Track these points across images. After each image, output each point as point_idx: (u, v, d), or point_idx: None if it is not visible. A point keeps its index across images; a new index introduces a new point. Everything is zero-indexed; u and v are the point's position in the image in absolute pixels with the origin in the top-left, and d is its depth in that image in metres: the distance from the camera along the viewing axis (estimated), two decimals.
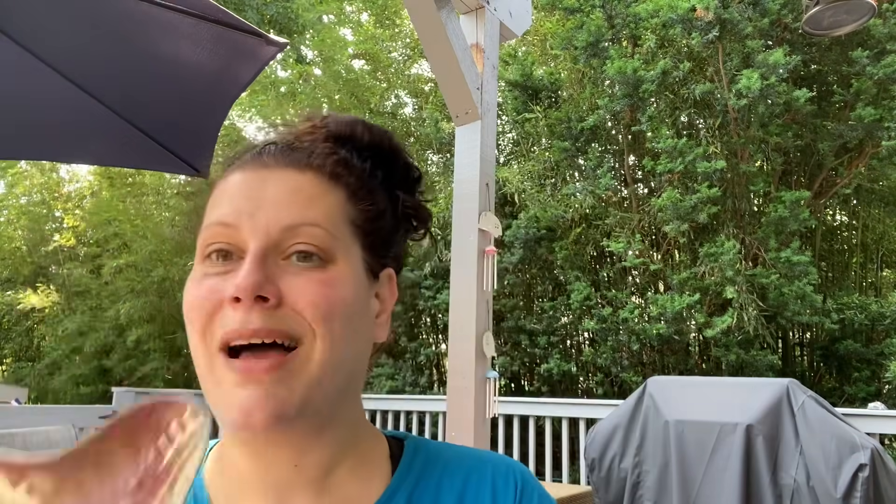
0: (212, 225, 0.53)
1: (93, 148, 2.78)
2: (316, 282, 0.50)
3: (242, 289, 0.47)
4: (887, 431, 2.83)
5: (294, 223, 0.51)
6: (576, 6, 5.44)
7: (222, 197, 0.54)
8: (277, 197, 0.52)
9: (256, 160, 0.55)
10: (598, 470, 2.96)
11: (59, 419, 3.21)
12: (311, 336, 0.49)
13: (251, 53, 2.20)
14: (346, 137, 0.59)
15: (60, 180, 9.88)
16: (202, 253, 0.53)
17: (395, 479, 0.57)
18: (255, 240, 0.50)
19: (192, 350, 0.51)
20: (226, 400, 0.48)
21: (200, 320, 0.50)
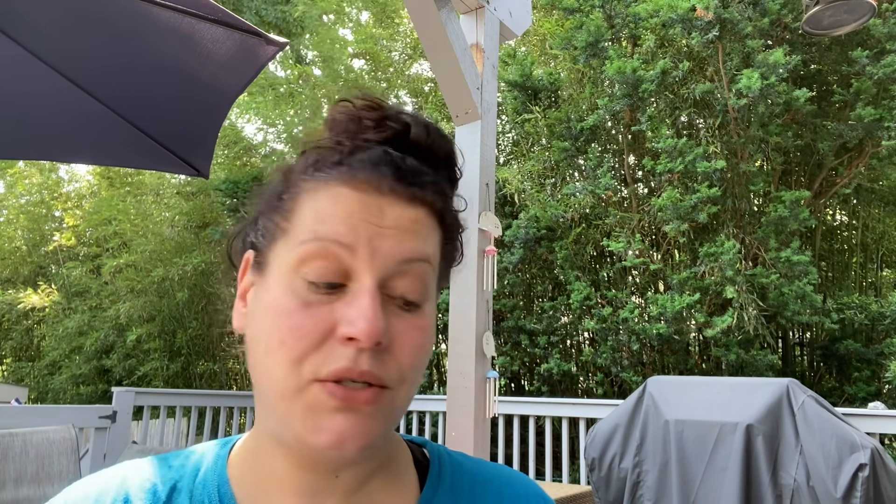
0: (324, 240, 0.49)
1: (92, 148, 2.78)
2: (416, 330, 0.51)
3: (367, 335, 0.47)
4: (887, 431, 2.83)
5: (409, 257, 0.51)
6: (575, 6, 5.44)
7: (332, 211, 0.50)
8: (397, 226, 0.50)
9: (373, 181, 0.51)
10: (598, 470, 2.96)
11: (59, 419, 3.21)
12: (401, 382, 0.50)
13: (251, 53, 2.20)
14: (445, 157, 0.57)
15: (60, 180, 9.89)
16: (297, 267, 0.50)
17: (426, 491, 0.58)
18: (370, 271, 0.49)
19: (270, 370, 0.49)
20: (320, 424, 0.48)
21: (300, 349, 0.48)
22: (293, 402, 0.48)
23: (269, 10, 9.00)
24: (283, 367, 0.48)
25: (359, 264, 0.49)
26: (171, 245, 7.67)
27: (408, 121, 0.55)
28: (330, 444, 0.47)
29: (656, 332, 4.58)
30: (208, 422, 4.43)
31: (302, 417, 0.48)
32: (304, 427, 0.48)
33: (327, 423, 0.48)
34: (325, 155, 0.54)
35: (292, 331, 0.48)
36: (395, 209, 0.51)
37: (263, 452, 0.55)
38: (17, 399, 5.75)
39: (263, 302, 0.52)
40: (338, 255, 0.49)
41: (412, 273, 0.51)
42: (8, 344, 10.03)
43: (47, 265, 9.82)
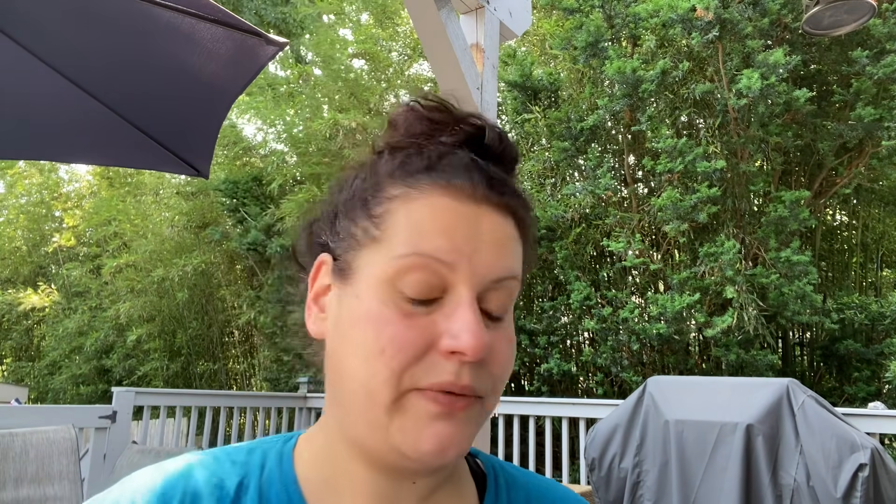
0: (424, 256, 0.48)
1: (92, 148, 2.78)
2: (507, 343, 0.52)
3: (473, 350, 0.47)
4: (887, 431, 2.83)
5: (503, 276, 0.51)
6: (575, 6, 5.44)
7: (432, 225, 0.49)
8: (492, 241, 0.50)
9: (467, 188, 0.51)
10: (598, 470, 2.97)
11: (59, 419, 3.21)
12: (493, 391, 0.51)
13: (251, 53, 2.20)
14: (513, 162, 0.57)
15: (60, 180, 9.89)
16: (395, 279, 0.49)
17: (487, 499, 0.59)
18: (469, 286, 0.49)
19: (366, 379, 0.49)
20: (419, 431, 0.48)
21: (402, 360, 0.47)
22: (391, 411, 0.48)
23: (268, 11, 9.01)
24: (383, 376, 0.48)
25: (457, 278, 0.49)
26: (170, 245, 7.68)
27: (481, 124, 0.54)
28: (433, 451, 0.48)
29: (656, 332, 4.58)
30: (208, 422, 4.43)
31: (401, 426, 0.48)
32: (405, 435, 0.48)
33: (429, 431, 0.48)
34: (411, 158, 0.53)
35: (394, 341, 0.48)
36: (489, 219, 0.51)
37: (339, 455, 0.54)
38: (17, 399, 5.75)
39: (354, 310, 0.50)
40: (437, 269, 0.49)
41: (503, 289, 0.51)
42: (8, 344, 10.03)
43: (47, 265, 9.83)
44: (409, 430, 0.48)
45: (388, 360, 0.47)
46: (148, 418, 4.14)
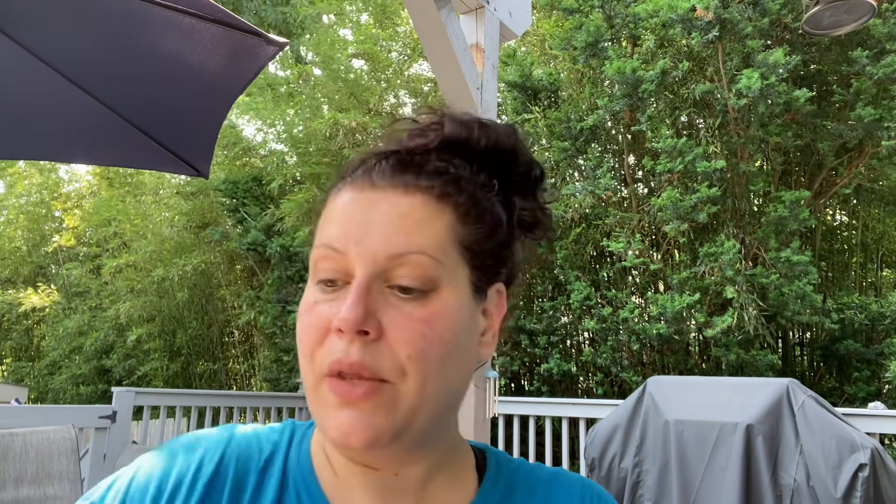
0: (321, 247, 0.53)
1: (92, 148, 2.78)
2: (415, 320, 0.50)
3: (346, 322, 0.48)
4: (887, 431, 2.83)
5: (400, 252, 0.51)
6: (574, 6, 5.44)
7: (332, 216, 0.54)
8: (384, 222, 0.51)
9: (366, 179, 0.54)
10: (598, 470, 2.97)
11: (59, 419, 3.21)
12: (402, 377, 0.50)
13: (251, 53, 2.20)
14: (461, 143, 0.57)
15: (60, 180, 9.89)
16: (313, 272, 0.54)
17: (480, 494, 0.60)
18: (360, 268, 0.51)
19: (301, 369, 0.53)
20: (328, 420, 0.50)
21: (309, 346, 0.51)
22: (313, 398, 0.52)
23: (268, 11, 9.01)
24: (302, 364, 0.53)
25: (353, 263, 0.51)
26: (170, 245, 7.67)
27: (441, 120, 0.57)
28: (336, 439, 0.50)
29: (656, 332, 4.58)
30: (208, 422, 4.44)
31: (318, 413, 0.52)
32: (321, 422, 0.51)
33: (333, 420, 0.50)
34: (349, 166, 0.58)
35: (303, 328, 0.52)
36: (386, 201, 0.52)
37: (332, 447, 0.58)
38: (17, 399, 5.75)
39: None
40: (334, 258, 0.52)
41: (408, 264, 0.51)
42: (8, 344, 10.03)
43: (47, 265, 9.82)
44: (322, 417, 0.51)
45: (302, 347, 0.52)
46: (148, 418, 4.14)
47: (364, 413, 0.49)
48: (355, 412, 0.49)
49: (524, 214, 0.59)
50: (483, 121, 0.58)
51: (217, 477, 0.55)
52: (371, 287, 0.50)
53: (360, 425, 0.49)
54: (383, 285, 0.51)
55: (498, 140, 0.57)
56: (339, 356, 0.49)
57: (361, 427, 0.49)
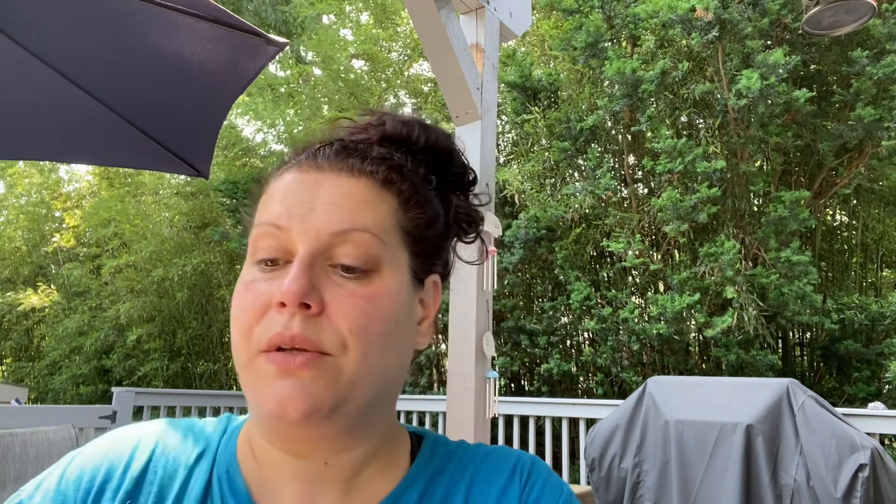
0: (263, 224, 0.53)
1: (92, 148, 2.78)
2: (358, 297, 0.51)
3: (288, 294, 0.48)
4: (887, 431, 2.83)
5: (343, 228, 0.52)
6: (574, 7, 5.44)
7: (275, 196, 0.54)
8: (329, 201, 0.52)
9: (311, 161, 0.55)
10: (598, 470, 2.97)
11: (59, 419, 3.21)
12: (343, 350, 0.50)
13: (251, 53, 2.20)
14: (402, 139, 0.59)
15: (60, 180, 9.88)
16: (252, 252, 0.54)
17: (409, 474, 0.59)
18: (303, 244, 0.51)
19: (233, 349, 0.53)
20: (264, 392, 0.49)
21: (246, 323, 0.51)
22: (246, 374, 0.51)
23: (268, 11, 9.01)
24: (237, 342, 0.52)
25: (293, 241, 0.51)
26: (170, 245, 7.67)
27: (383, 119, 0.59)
28: (273, 410, 0.49)
29: (656, 332, 4.58)
30: None
31: (253, 387, 0.50)
32: (256, 396, 0.50)
33: (269, 391, 0.49)
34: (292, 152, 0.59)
35: (239, 306, 0.52)
36: (331, 182, 0.54)
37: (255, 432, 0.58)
38: (17, 399, 5.74)
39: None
40: (275, 235, 0.52)
41: (351, 241, 0.52)
42: (8, 344, 10.02)
43: (47, 265, 9.81)
44: (257, 391, 0.50)
45: (237, 325, 0.51)
46: (148, 418, 4.14)
47: (303, 382, 0.49)
48: (294, 381, 0.48)
49: (460, 212, 0.62)
50: (424, 122, 0.60)
51: (147, 471, 0.55)
52: (314, 264, 0.51)
53: (298, 395, 0.48)
54: (325, 264, 0.51)
55: (437, 140, 0.60)
56: (280, 329, 0.49)
57: (300, 396, 0.48)
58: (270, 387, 0.49)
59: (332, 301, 0.50)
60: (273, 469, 0.55)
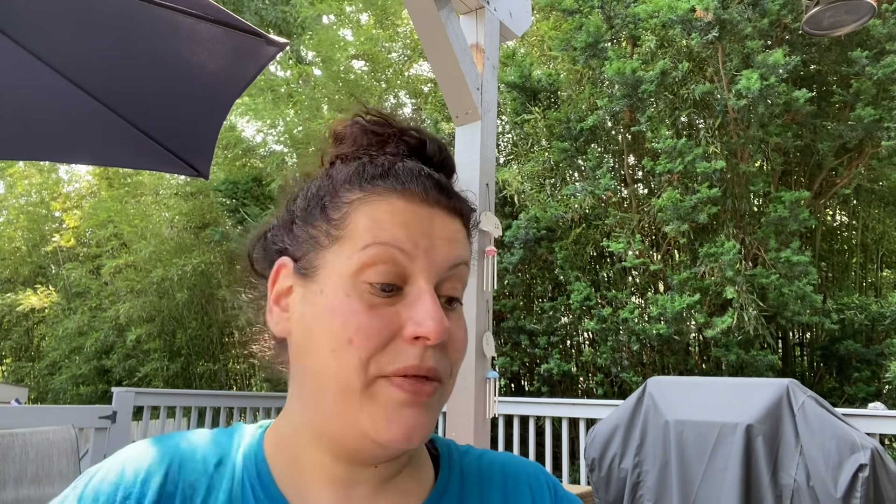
0: (386, 245, 0.53)
1: (92, 148, 2.78)
2: (462, 328, 0.56)
3: (435, 333, 0.51)
4: (887, 431, 2.83)
5: (456, 262, 0.56)
6: (574, 7, 5.44)
7: (391, 220, 0.54)
8: (445, 237, 0.56)
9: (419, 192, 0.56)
10: (598, 470, 2.96)
11: (59, 419, 3.21)
12: (450, 376, 0.56)
13: (251, 53, 2.20)
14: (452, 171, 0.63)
15: (60, 180, 9.88)
16: (362, 269, 0.52)
17: (441, 478, 0.62)
18: (427, 276, 0.53)
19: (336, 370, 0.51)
20: (389, 418, 0.51)
21: (370, 348, 0.51)
22: (361, 399, 0.51)
23: (269, 11, 9.01)
24: (352, 365, 0.51)
25: (416, 269, 0.53)
26: (170, 245, 7.67)
27: (422, 137, 0.60)
28: (401, 437, 0.51)
29: (656, 332, 4.58)
30: (208, 422, 4.43)
31: (372, 413, 0.51)
32: (374, 422, 0.51)
33: (398, 418, 0.51)
34: (364, 166, 0.57)
35: (360, 330, 0.51)
36: (441, 220, 0.56)
37: (302, 442, 0.57)
38: (17, 399, 5.74)
39: (320, 306, 0.53)
40: (397, 259, 0.53)
41: (456, 275, 0.56)
42: (8, 344, 10.02)
43: (47, 266, 9.82)
44: (379, 417, 0.51)
45: (356, 349, 0.50)
46: (148, 418, 4.14)
47: (425, 410, 0.52)
48: (420, 410, 0.51)
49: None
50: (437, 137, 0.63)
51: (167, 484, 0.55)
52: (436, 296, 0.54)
53: (423, 422, 0.52)
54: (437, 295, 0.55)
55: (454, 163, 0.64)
56: (417, 362, 0.51)
57: (425, 424, 0.52)
58: (398, 414, 0.51)
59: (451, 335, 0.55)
60: (310, 472, 0.57)
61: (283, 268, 0.59)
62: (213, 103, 2.43)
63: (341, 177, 0.57)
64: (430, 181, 0.56)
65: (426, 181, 0.56)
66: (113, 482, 0.55)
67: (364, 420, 0.51)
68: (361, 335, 0.51)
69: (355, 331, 0.51)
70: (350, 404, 0.51)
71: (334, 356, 0.51)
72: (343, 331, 0.51)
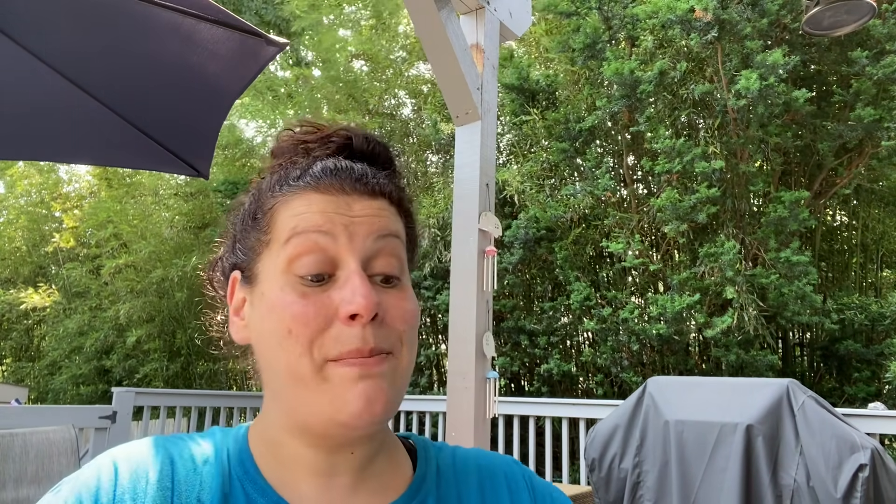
0: (305, 232, 0.55)
1: (93, 148, 2.78)
2: (402, 299, 0.57)
3: (364, 308, 0.52)
4: (887, 431, 2.83)
5: (382, 233, 0.57)
6: (571, 10, 5.44)
7: (312, 210, 0.56)
8: (365, 214, 0.57)
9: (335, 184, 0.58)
10: (598, 470, 2.97)
11: (59, 419, 3.21)
12: (400, 347, 0.56)
13: (251, 54, 2.20)
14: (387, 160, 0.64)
15: (60, 181, 9.88)
16: (290, 263, 0.55)
17: (419, 469, 0.64)
18: (352, 254, 0.55)
19: (285, 361, 0.54)
20: (345, 394, 0.53)
21: (308, 334, 0.53)
22: (315, 384, 0.53)
23: (269, 11, 9.00)
24: (296, 353, 0.53)
25: (341, 250, 0.55)
26: (170, 246, 7.67)
27: (349, 134, 0.62)
28: (362, 408, 0.52)
29: (656, 332, 4.58)
30: (208, 422, 4.43)
31: (329, 395, 0.53)
32: (333, 403, 0.53)
33: (353, 392, 0.52)
34: (287, 171, 0.61)
35: (296, 319, 0.53)
36: (360, 203, 0.58)
37: (279, 436, 0.60)
38: (17, 399, 5.74)
39: (263, 307, 0.57)
40: (320, 243, 0.55)
41: (387, 249, 0.57)
42: (8, 344, 10.02)
43: (47, 265, 9.82)
44: (336, 397, 0.53)
45: (296, 337, 0.53)
46: (148, 418, 4.14)
47: (381, 382, 0.53)
48: (373, 381, 0.53)
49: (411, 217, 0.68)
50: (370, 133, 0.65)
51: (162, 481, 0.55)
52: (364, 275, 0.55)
53: (378, 392, 0.53)
54: (366, 274, 0.56)
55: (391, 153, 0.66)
56: (359, 344, 0.53)
57: (380, 393, 0.53)
58: (354, 389, 0.52)
59: (388, 309, 0.55)
60: (293, 465, 0.59)
61: (235, 281, 0.63)
62: (213, 103, 2.43)
63: (266, 186, 0.61)
64: (345, 172, 0.59)
65: (341, 173, 0.58)
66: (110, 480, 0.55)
67: (324, 404, 0.53)
68: (298, 323, 0.53)
69: (291, 320, 0.53)
70: (307, 391, 0.53)
71: (281, 349, 0.54)
72: (281, 323, 0.54)
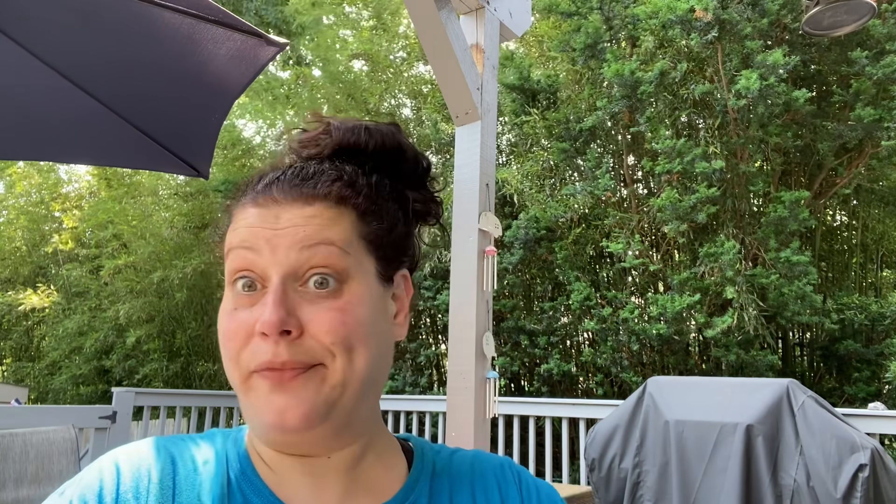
0: (234, 249, 0.57)
1: (92, 148, 2.78)
2: (333, 310, 0.55)
3: (267, 325, 0.52)
4: (887, 431, 2.83)
5: (306, 244, 0.55)
6: (572, 10, 5.44)
7: (240, 226, 0.58)
8: (291, 225, 0.56)
9: (268, 194, 0.58)
10: (598, 470, 2.97)
11: (59, 419, 3.21)
12: (331, 357, 0.54)
13: (251, 54, 2.20)
14: (351, 146, 0.62)
15: (59, 181, 9.88)
16: (229, 279, 0.57)
17: (413, 471, 0.65)
18: (276, 268, 0.55)
19: (226, 370, 0.57)
20: (261, 406, 0.54)
21: (233, 348, 0.55)
22: (243, 394, 0.55)
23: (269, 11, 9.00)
24: (227, 365, 0.56)
25: (266, 264, 0.55)
26: (170, 246, 7.67)
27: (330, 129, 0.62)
28: (274, 421, 0.53)
29: (656, 332, 4.58)
30: (208, 422, 4.43)
31: (251, 404, 0.55)
32: (254, 411, 0.54)
33: (267, 404, 0.53)
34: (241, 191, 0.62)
35: (225, 334, 0.56)
36: (289, 212, 0.57)
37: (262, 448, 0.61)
38: (17, 399, 5.74)
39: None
40: (248, 259, 0.55)
41: (316, 258, 0.55)
42: (8, 344, 10.02)
43: (47, 266, 9.82)
44: (258, 407, 0.54)
45: (226, 350, 0.56)
46: (148, 419, 4.14)
47: (296, 392, 0.53)
48: (287, 393, 0.53)
49: (417, 205, 0.65)
50: (368, 124, 0.63)
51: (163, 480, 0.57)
52: (287, 289, 0.54)
53: (291, 403, 0.52)
54: (296, 285, 0.55)
55: (384, 141, 0.63)
56: (269, 357, 0.53)
57: (293, 405, 0.52)
58: (268, 401, 0.53)
59: (310, 320, 0.54)
60: (282, 468, 0.60)
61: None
62: (213, 103, 2.43)
63: (223, 207, 0.63)
64: (279, 182, 0.59)
65: (275, 184, 0.58)
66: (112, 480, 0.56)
67: (252, 412, 0.55)
68: (226, 338, 0.55)
69: (222, 335, 0.56)
70: (242, 399, 0.56)
71: (222, 358, 0.57)
72: (220, 336, 0.56)
